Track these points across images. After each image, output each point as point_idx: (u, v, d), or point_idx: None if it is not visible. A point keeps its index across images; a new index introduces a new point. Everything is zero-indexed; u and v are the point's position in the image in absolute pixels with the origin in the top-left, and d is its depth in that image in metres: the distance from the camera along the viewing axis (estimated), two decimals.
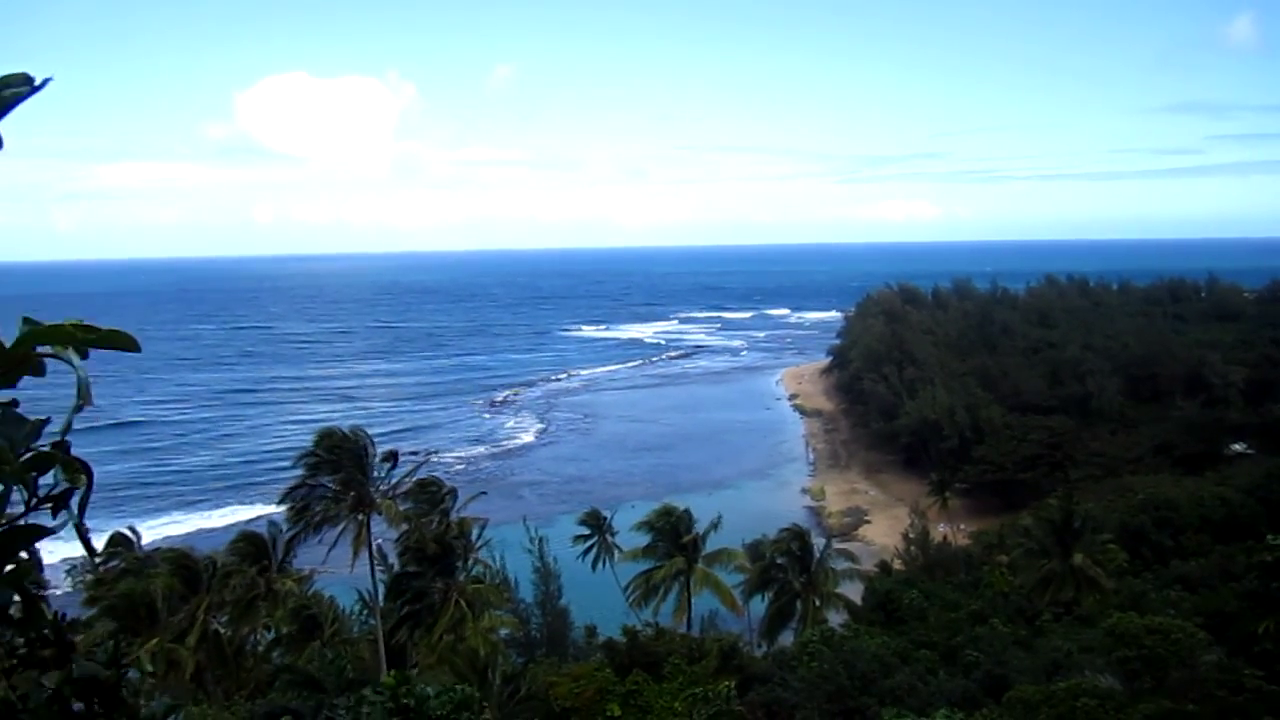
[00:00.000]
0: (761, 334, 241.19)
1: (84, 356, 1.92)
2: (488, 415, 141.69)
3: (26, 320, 1.91)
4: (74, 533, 2.19)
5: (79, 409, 1.90)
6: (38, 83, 1.96)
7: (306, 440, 48.50)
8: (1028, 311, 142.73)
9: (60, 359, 1.88)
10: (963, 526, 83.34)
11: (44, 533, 2.02)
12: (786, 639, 53.60)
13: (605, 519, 62.75)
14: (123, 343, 1.98)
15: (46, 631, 2.69)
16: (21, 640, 2.56)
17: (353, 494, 44.41)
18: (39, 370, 1.91)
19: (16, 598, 2.14)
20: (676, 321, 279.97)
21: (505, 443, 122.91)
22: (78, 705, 2.56)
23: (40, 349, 1.88)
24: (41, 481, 2.00)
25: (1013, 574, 55.21)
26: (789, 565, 56.95)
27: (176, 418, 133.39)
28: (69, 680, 2.58)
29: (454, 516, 47.53)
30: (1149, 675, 31.84)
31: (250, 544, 47.25)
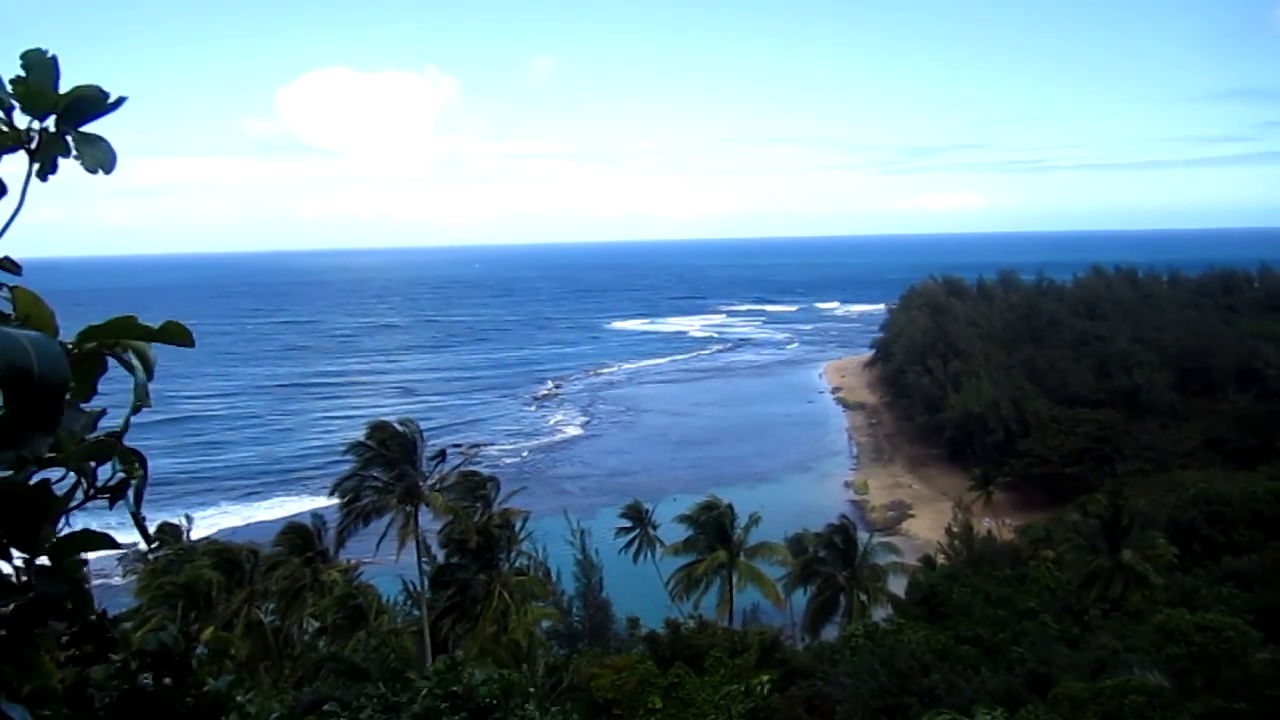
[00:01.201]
0: (804, 327, 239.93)
1: (148, 371, 1.97)
2: (531, 408, 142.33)
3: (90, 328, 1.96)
4: (125, 523, 2.26)
5: (137, 409, 1.95)
6: (113, 99, 2.01)
7: (352, 434, 49.17)
8: (1074, 303, 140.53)
9: (118, 359, 1.92)
10: (1008, 521, 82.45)
11: (111, 544, 2.07)
12: (830, 633, 53.46)
13: (647, 512, 62.93)
14: (177, 337, 2.03)
15: (92, 624, 2.77)
16: (68, 633, 2.64)
17: (402, 486, 44.91)
18: (100, 366, 1.96)
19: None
20: (719, 315, 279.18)
21: (548, 436, 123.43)
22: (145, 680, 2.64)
23: (97, 346, 1.93)
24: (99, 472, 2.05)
25: (1059, 570, 54.59)
26: (832, 559, 56.78)
27: (224, 412, 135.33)
28: (138, 653, 2.66)
29: (496, 508, 47.88)
30: (1199, 673, 31.37)
31: (297, 535, 47.97)
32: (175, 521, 59.59)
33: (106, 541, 2.06)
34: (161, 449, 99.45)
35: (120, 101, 2.01)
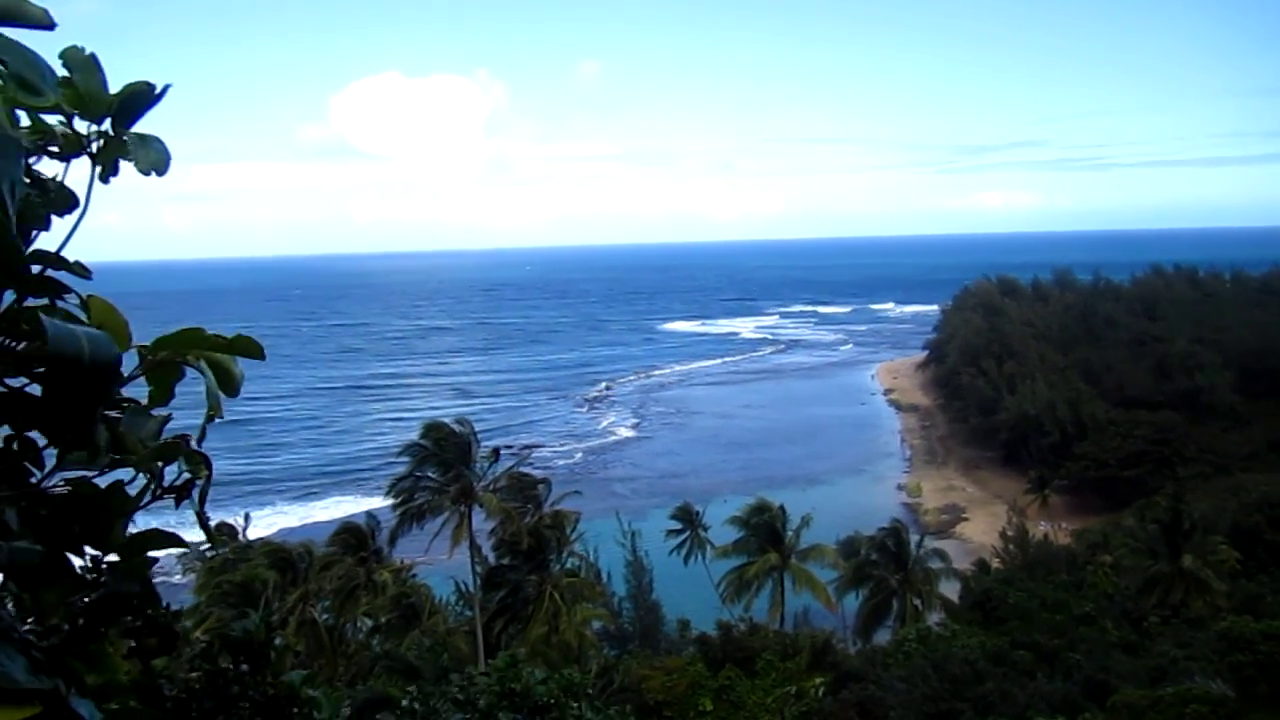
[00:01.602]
0: (856, 328, 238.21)
1: (235, 388, 2.03)
2: (583, 410, 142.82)
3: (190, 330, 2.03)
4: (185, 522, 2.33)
5: (210, 419, 2.00)
6: (159, 90, 2.06)
7: (406, 436, 49.68)
8: (1133, 303, 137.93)
9: (194, 368, 1.97)
10: (1064, 525, 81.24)
11: (180, 543, 2.13)
12: (883, 637, 53.07)
13: (697, 513, 62.89)
14: (248, 350, 2.07)
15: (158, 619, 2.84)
16: (134, 627, 2.71)
17: (457, 486, 45.31)
18: (176, 373, 2.02)
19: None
20: (770, 316, 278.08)
21: (600, 437, 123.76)
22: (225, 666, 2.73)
23: (170, 355, 1.99)
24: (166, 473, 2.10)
25: (1117, 575, 53.66)
26: (884, 562, 56.36)
27: (280, 413, 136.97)
28: (222, 637, 2.74)
29: (547, 509, 48.15)
30: (1264, 682, 30.62)
31: (351, 535, 48.60)
32: (231, 521, 60.69)
33: (174, 540, 2.12)
34: (219, 450, 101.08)
35: (165, 90, 2.04)
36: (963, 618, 49.97)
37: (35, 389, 1.74)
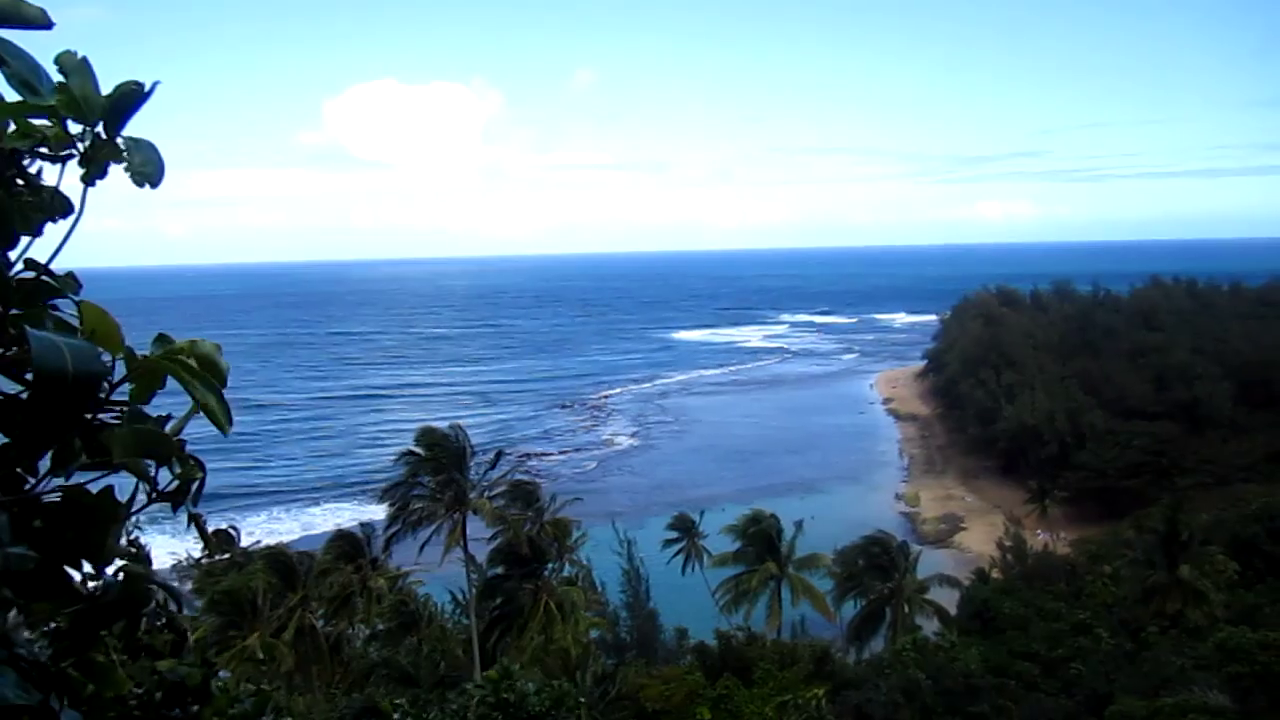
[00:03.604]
0: (855, 337, 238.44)
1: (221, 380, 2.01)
2: (583, 418, 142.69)
3: (161, 337, 2.00)
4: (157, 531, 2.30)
5: (191, 416, 1.98)
6: (147, 88, 2.03)
7: (402, 445, 49.52)
8: (1132, 314, 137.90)
9: (175, 376, 1.95)
10: (1063, 535, 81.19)
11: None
12: (877, 645, 53.02)
13: (694, 522, 62.79)
14: (210, 359, 2.02)
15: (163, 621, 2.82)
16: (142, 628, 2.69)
17: (450, 493, 45.19)
18: (159, 380, 1.99)
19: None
20: (770, 325, 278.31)
21: (600, 446, 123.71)
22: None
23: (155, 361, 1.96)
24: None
25: (1115, 585, 53.60)
26: (875, 571, 56.33)
27: (273, 423, 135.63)
28: (158, 684, 2.70)
29: (546, 517, 48.05)
30: (1263, 693, 30.57)
31: (347, 543, 48.47)
32: (225, 528, 60.51)
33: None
34: (212, 457, 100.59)
35: (154, 87, 2.02)
36: (962, 627, 49.90)
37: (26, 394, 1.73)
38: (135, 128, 2.07)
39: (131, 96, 1.98)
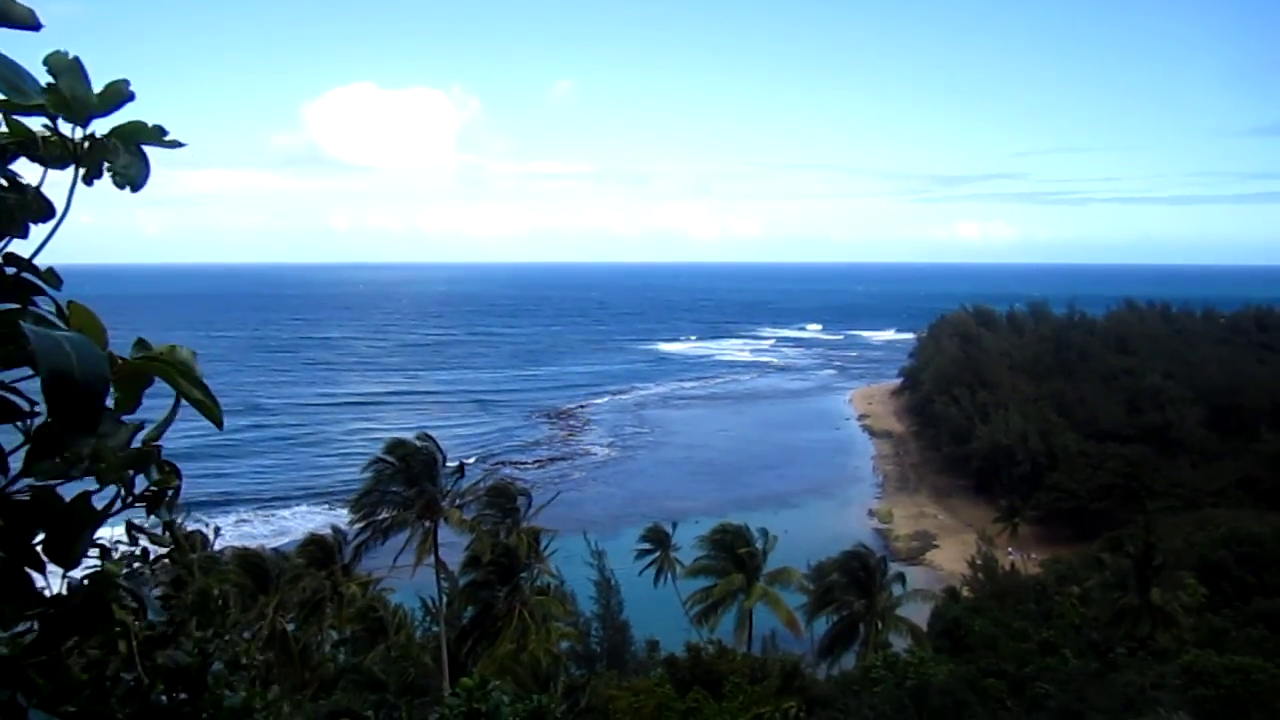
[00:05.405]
0: (832, 353, 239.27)
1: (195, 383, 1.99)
2: (558, 428, 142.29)
3: (139, 343, 1.98)
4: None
5: (169, 423, 1.97)
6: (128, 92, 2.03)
7: (372, 452, 49.31)
8: (1106, 337, 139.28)
9: (172, 385, 1.94)
10: (1033, 555, 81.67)
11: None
12: (847, 662, 52.98)
13: (668, 534, 62.68)
14: (186, 365, 2.01)
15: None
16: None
17: (420, 501, 45.01)
18: (146, 381, 1.97)
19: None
20: (748, 339, 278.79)
21: (574, 456, 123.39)
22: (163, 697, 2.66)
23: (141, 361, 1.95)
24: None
25: (1084, 606, 53.90)
26: (849, 587, 56.30)
27: (248, 428, 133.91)
28: (152, 670, 2.67)
29: (522, 525, 47.93)
30: (1227, 716, 30.81)
31: (318, 548, 48.07)
32: (200, 529, 59.89)
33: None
34: (192, 462, 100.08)
35: (127, 85, 2.02)
36: (931, 644, 49.98)
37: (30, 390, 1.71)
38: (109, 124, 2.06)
39: (120, 96, 1.97)
